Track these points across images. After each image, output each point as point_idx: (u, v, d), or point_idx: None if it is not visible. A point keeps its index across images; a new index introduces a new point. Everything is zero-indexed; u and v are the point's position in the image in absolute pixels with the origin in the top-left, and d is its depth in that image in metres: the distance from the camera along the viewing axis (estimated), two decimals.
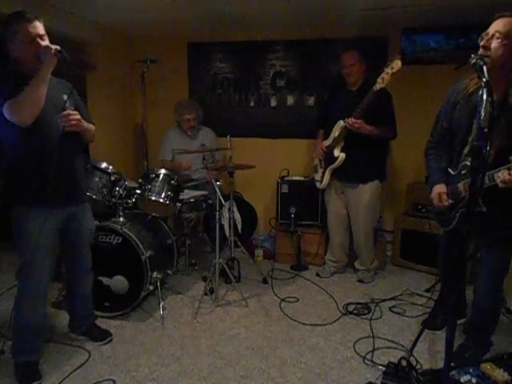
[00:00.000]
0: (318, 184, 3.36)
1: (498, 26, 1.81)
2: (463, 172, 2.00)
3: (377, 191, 3.15)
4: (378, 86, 2.69)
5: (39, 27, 1.89)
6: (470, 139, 1.98)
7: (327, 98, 3.48)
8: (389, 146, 3.22)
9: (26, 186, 1.96)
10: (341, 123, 3.01)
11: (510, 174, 1.72)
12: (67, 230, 2.17)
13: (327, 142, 3.19)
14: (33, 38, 1.85)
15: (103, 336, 2.45)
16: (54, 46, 1.85)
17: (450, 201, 2.05)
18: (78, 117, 2.02)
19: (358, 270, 3.39)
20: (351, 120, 2.85)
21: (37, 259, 2.00)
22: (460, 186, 2.00)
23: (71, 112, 1.99)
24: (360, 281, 3.30)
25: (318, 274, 3.47)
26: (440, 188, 2.09)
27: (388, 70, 2.61)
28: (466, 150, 2.01)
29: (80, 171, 2.18)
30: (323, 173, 3.26)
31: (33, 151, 1.93)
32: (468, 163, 1.97)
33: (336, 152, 3.09)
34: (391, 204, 3.91)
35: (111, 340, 2.45)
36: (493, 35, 1.80)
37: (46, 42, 1.89)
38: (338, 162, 3.08)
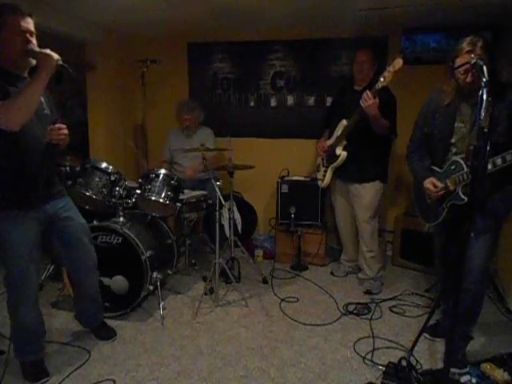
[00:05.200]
0: (319, 183, 3.35)
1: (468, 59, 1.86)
2: (453, 167, 2.09)
3: (378, 192, 3.10)
4: (379, 85, 2.67)
5: (31, 24, 1.85)
6: (453, 140, 2.11)
7: (335, 99, 3.48)
8: (391, 148, 3.20)
9: (2, 191, 1.88)
10: (343, 122, 3.01)
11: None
12: (57, 230, 2.11)
13: (330, 142, 3.18)
14: (24, 32, 1.80)
15: (109, 335, 2.47)
16: (56, 57, 1.79)
17: (442, 192, 2.13)
18: (66, 131, 2.00)
19: (363, 280, 3.24)
20: (367, 94, 2.70)
21: (17, 265, 1.94)
22: (448, 181, 2.09)
23: (62, 126, 1.98)
24: (368, 292, 3.11)
25: (332, 273, 3.47)
26: (431, 178, 2.20)
27: (390, 69, 2.60)
28: (454, 150, 2.12)
29: (54, 170, 2.16)
30: (325, 171, 3.25)
31: (12, 156, 1.85)
32: (458, 159, 2.06)
33: (338, 150, 3.08)
34: (391, 204, 3.91)
35: (115, 339, 2.46)
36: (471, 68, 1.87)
37: (34, 41, 1.85)
38: (339, 160, 3.07)
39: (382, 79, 2.66)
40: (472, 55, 1.86)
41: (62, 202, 2.13)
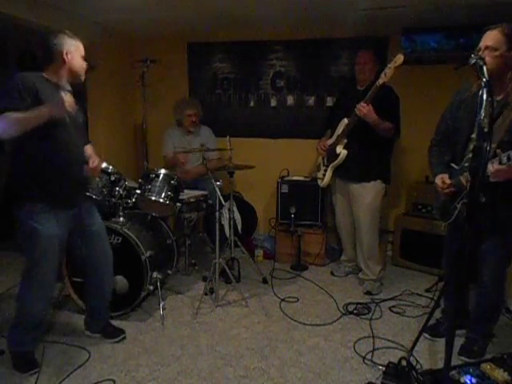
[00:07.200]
0: (319, 182, 3.35)
1: (486, 40, 1.97)
2: (466, 164, 2.08)
3: (380, 193, 3.08)
4: (380, 81, 2.68)
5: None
6: (473, 136, 2.07)
7: (337, 98, 3.48)
8: (393, 148, 3.19)
9: (42, 188, 2.00)
10: (345, 120, 3.02)
11: (493, 167, 1.86)
12: (81, 228, 2.23)
13: (331, 141, 3.18)
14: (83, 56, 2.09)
15: (117, 334, 2.47)
16: (63, 113, 1.92)
17: (452, 188, 2.13)
18: (99, 166, 2.25)
19: (363, 280, 3.23)
20: (361, 104, 2.76)
21: (46, 261, 2.05)
22: (462, 178, 2.08)
23: (95, 165, 2.17)
24: (368, 292, 3.09)
25: (332, 273, 3.47)
26: (442, 174, 2.20)
27: (391, 65, 2.61)
28: (471, 146, 2.08)
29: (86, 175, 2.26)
30: (325, 171, 3.25)
31: (54, 159, 2.00)
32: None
33: (338, 149, 3.08)
34: (391, 204, 3.91)
35: (125, 338, 2.47)
36: (484, 49, 1.96)
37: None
38: (339, 158, 3.07)
39: (383, 75, 2.67)
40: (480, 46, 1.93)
41: (87, 205, 2.31)
